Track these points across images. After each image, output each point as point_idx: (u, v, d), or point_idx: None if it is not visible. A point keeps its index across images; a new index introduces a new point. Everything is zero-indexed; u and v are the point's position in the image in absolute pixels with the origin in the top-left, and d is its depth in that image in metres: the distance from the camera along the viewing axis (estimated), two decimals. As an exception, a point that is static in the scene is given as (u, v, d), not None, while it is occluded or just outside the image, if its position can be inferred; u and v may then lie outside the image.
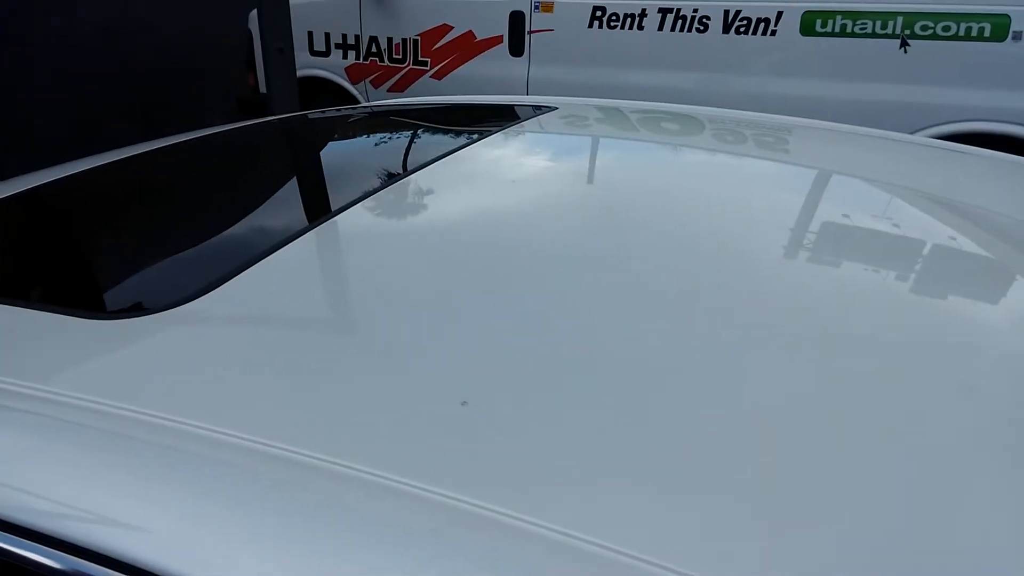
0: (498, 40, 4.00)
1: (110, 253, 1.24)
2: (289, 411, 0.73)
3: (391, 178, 1.37)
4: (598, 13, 3.71)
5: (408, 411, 0.73)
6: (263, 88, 4.16)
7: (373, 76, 4.46)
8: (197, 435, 0.69)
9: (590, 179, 1.46)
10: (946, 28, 3.05)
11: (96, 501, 0.64)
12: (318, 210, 1.31)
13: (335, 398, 0.75)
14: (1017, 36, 2.96)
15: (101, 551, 0.60)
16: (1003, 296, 1.05)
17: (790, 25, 3.32)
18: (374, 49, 4.40)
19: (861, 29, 3.19)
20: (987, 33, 3.00)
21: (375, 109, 2.28)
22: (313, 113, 2.48)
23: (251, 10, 4.35)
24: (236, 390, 0.77)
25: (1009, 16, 2.95)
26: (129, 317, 0.91)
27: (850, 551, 0.58)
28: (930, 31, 3.08)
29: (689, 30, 3.53)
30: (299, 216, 1.28)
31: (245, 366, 0.82)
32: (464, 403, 0.72)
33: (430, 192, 1.35)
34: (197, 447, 0.68)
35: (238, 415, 0.72)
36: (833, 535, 0.59)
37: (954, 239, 1.21)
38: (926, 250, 1.14)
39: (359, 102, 4.48)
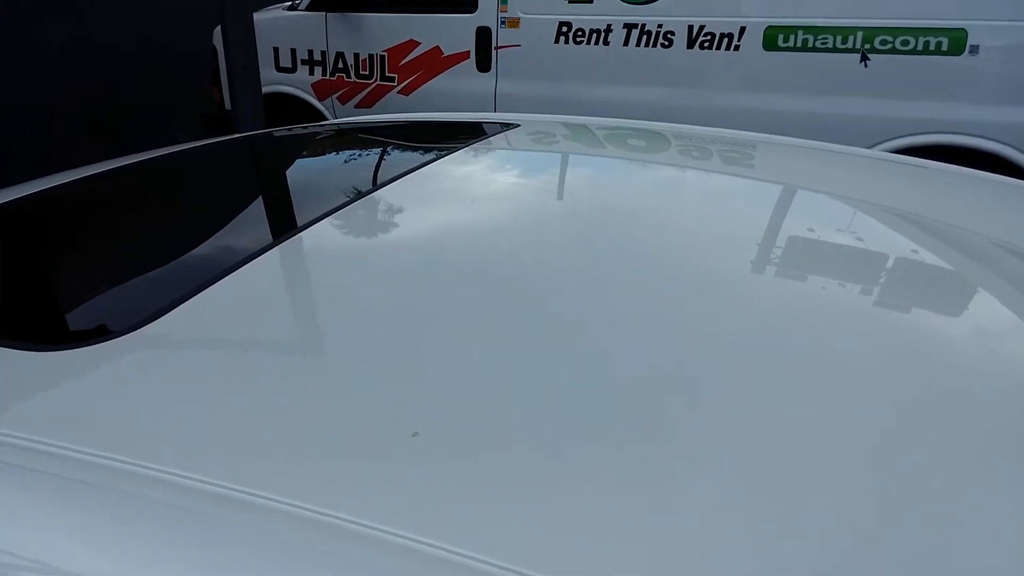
0: (465, 56, 4.01)
1: (64, 277, 1.22)
2: (232, 444, 0.70)
3: (352, 196, 1.36)
4: (564, 28, 3.73)
5: (360, 443, 0.71)
6: (229, 105, 4.12)
7: (340, 92, 4.44)
8: (140, 475, 0.66)
9: (552, 196, 1.45)
10: (905, 43, 3.11)
11: (41, 549, 0.62)
12: (280, 228, 1.29)
13: (285, 430, 0.72)
14: (974, 50, 3.02)
15: None
16: (964, 307, 1.06)
17: (753, 40, 3.37)
18: (340, 65, 4.38)
19: (822, 44, 3.24)
20: (945, 47, 3.06)
21: (340, 126, 2.27)
22: (279, 130, 2.45)
23: (215, 27, 4.32)
24: (187, 424, 0.74)
25: (966, 30, 3.01)
26: (65, 349, 0.88)
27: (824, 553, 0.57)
28: (889, 45, 3.14)
29: (654, 45, 3.56)
30: (261, 234, 1.26)
31: (195, 395, 0.79)
32: (415, 434, 0.70)
33: (391, 210, 1.34)
34: (149, 490, 0.65)
35: (188, 453, 0.69)
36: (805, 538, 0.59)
37: (916, 252, 1.23)
38: (889, 263, 1.15)
39: (326, 118, 4.46)
